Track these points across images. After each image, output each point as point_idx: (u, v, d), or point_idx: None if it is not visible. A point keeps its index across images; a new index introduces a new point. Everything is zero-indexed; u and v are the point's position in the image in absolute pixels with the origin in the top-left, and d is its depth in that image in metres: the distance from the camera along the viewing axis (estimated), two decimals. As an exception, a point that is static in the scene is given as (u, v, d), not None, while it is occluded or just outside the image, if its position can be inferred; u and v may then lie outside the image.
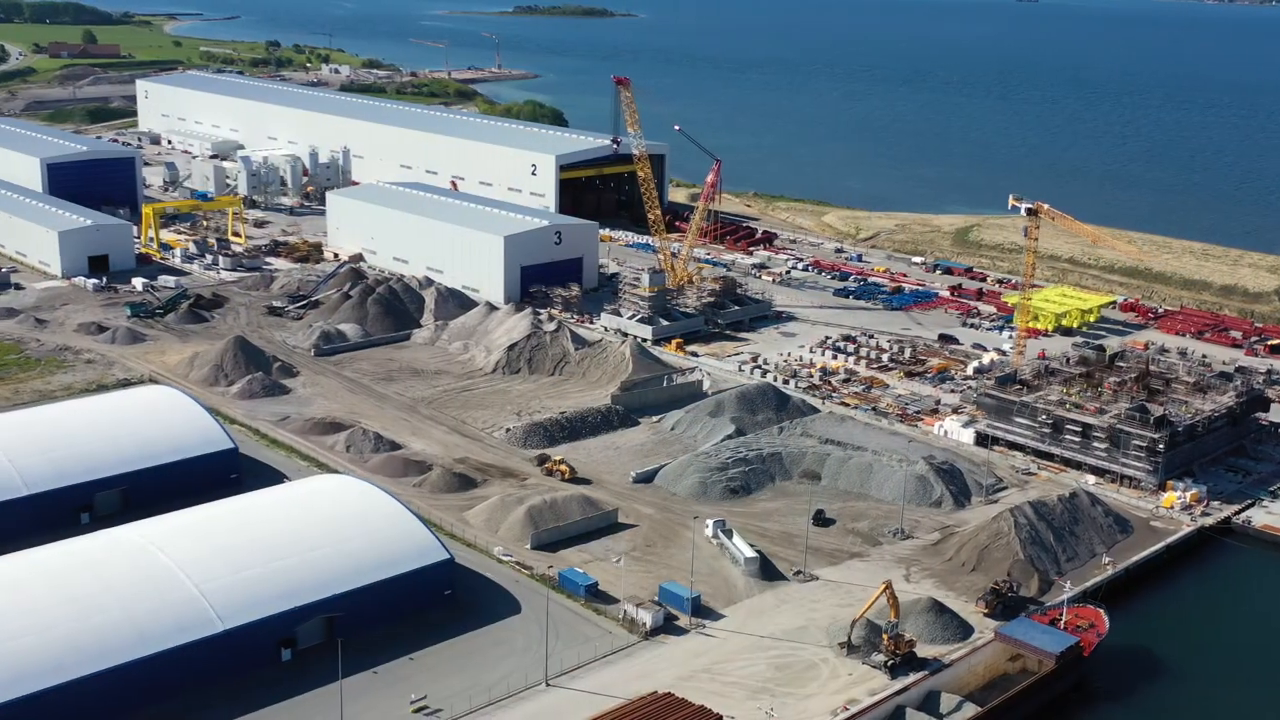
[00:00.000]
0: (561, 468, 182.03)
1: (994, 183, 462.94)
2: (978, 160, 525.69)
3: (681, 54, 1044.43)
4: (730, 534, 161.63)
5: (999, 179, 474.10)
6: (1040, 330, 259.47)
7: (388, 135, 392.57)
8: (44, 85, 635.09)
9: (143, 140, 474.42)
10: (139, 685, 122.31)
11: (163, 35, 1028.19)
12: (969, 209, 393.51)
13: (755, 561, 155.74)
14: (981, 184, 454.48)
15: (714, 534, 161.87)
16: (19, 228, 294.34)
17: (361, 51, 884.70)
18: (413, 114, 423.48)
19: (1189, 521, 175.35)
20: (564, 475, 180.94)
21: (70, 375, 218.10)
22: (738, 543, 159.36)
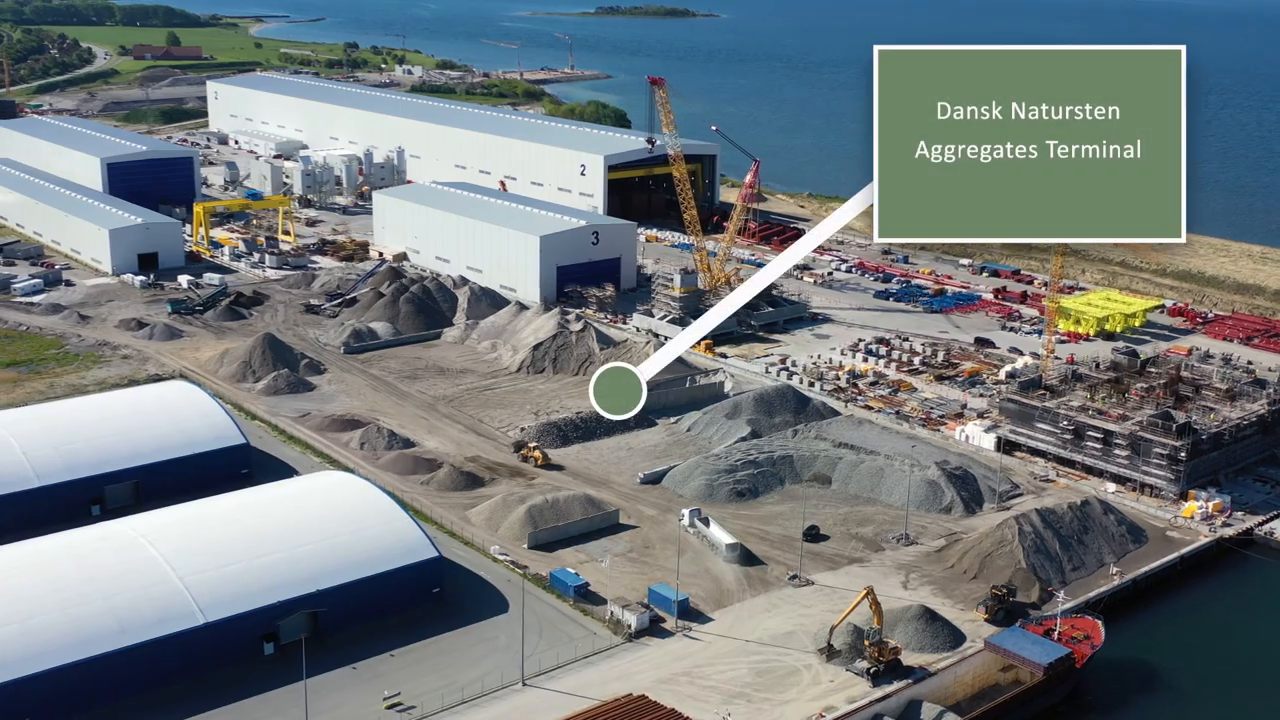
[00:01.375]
0: (535, 454, 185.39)
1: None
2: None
3: (757, 53, 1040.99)
4: (707, 522, 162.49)
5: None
6: (1081, 334, 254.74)
7: (444, 136, 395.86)
8: (124, 86, 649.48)
9: (211, 140, 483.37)
10: (118, 675, 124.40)
11: (247, 37, 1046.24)
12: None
13: (736, 548, 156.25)
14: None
15: (690, 523, 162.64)
16: (74, 225, 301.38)
17: (438, 53, 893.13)
18: (468, 114, 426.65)
19: (1207, 532, 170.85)
20: (538, 462, 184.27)
21: (105, 370, 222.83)
22: (715, 531, 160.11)
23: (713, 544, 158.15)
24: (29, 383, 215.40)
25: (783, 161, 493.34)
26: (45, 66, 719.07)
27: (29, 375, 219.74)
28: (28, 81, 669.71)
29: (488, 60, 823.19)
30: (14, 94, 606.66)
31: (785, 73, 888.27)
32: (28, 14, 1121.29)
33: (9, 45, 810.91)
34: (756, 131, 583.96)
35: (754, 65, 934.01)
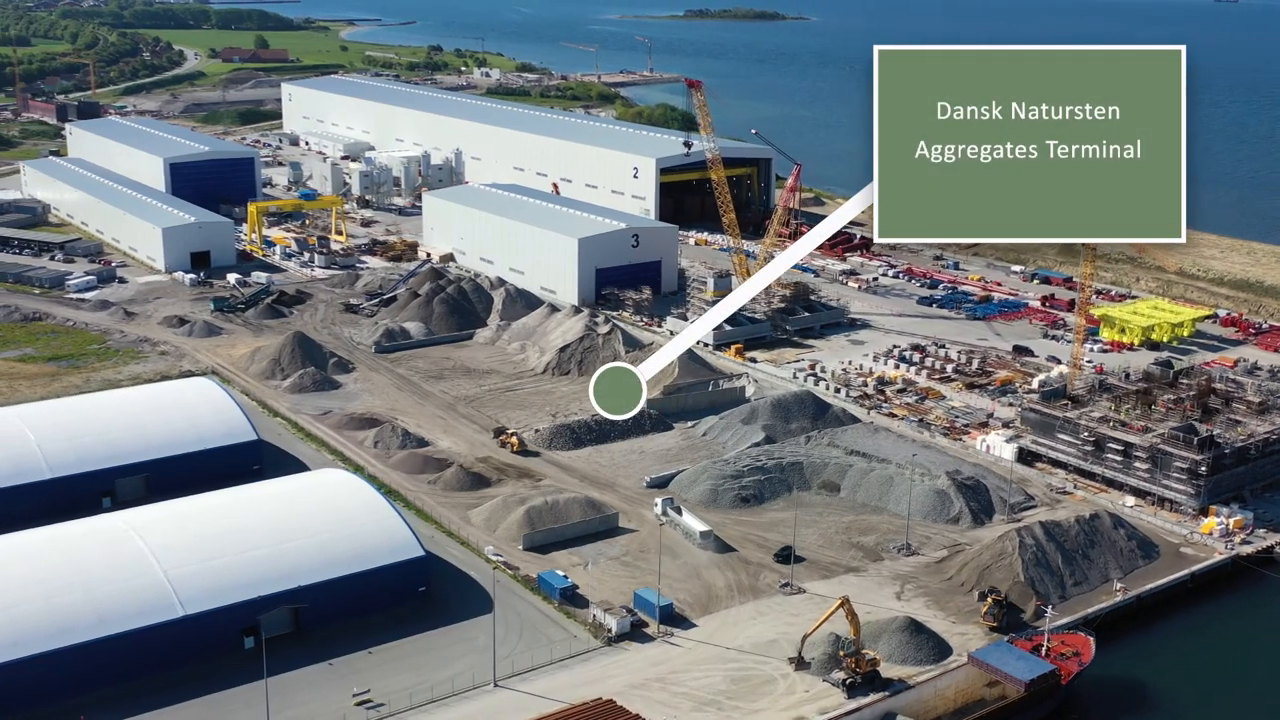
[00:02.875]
0: (512, 440, 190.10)
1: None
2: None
3: (840, 56, 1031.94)
4: (679, 511, 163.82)
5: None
6: (1126, 344, 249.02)
7: (503, 138, 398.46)
8: (207, 88, 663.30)
9: (283, 141, 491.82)
10: (94, 665, 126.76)
11: (335, 40, 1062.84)
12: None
13: (710, 535, 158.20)
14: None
15: (662, 512, 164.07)
16: (131, 224, 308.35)
17: (520, 55, 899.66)
18: (527, 116, 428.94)
19: (1223, 549, 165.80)
20: (514, 448, 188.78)
21: (141, 366, 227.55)
22: (688, 519, 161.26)
23: (686, 532, 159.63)
24: (66, 377, 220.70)
25: (846, 165, 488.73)
26: (135, 69, 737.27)
27: (67, 370, 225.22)
28: (117, 83, 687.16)
29: (567, 63, 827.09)
30: (102, 95, 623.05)
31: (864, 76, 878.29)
32: (127, 18, 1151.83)
33: (104, 47, 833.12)
34: (826, 135, 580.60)
35: (835, 69, 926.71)
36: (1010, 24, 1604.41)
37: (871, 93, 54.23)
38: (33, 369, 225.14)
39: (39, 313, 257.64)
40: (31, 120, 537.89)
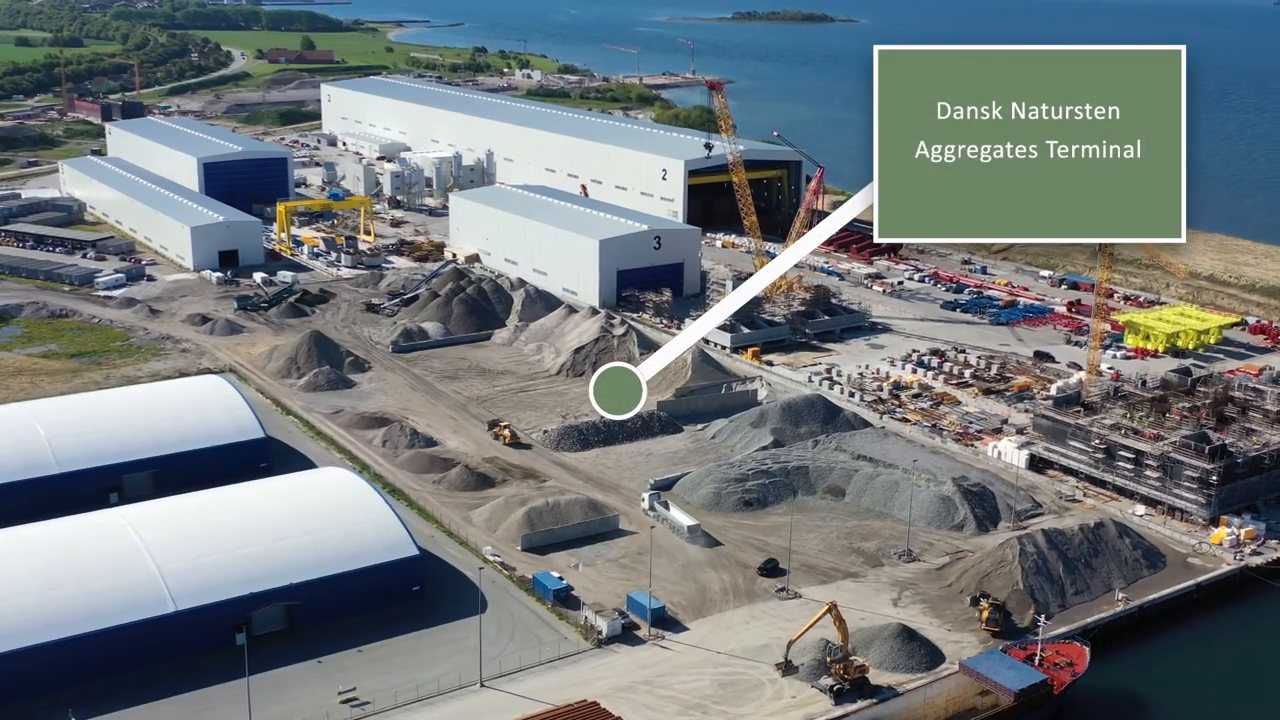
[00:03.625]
0: (504, 433, 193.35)
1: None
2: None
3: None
4: (667, 505, 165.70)
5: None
6: (1150, 351, 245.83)
7: (534, 139, 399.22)
8: (251, 89, 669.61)
9: (320, 142, 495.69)
10: (85, 658, 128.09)
11: (382, 42, 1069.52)
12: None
13: (697, 529, 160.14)
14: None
15: (650, 506, 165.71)
16: (161, 222, 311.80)
17: (564, 57, 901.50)
18: (560, 118, 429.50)
19: (1232, 560, 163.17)
20: (505, 440, 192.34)
21: (161, 363, 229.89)
22: (675, 514, 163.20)
23: (674, 527, 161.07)
24: (87, 373, 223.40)
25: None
26: (181, 69, 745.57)
27: (89, 366, 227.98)
28: (163, 84, 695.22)
29: (609, 65, 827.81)
30: (147, 96, 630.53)
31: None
32: (179, 19, 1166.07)
33: (152, 48, 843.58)
34: (865, 137, 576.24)
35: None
36: (1061, 25, 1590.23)
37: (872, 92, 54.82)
38: (55, 365, 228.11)
39: (66, 310, 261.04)
40: (76, 120, 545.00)
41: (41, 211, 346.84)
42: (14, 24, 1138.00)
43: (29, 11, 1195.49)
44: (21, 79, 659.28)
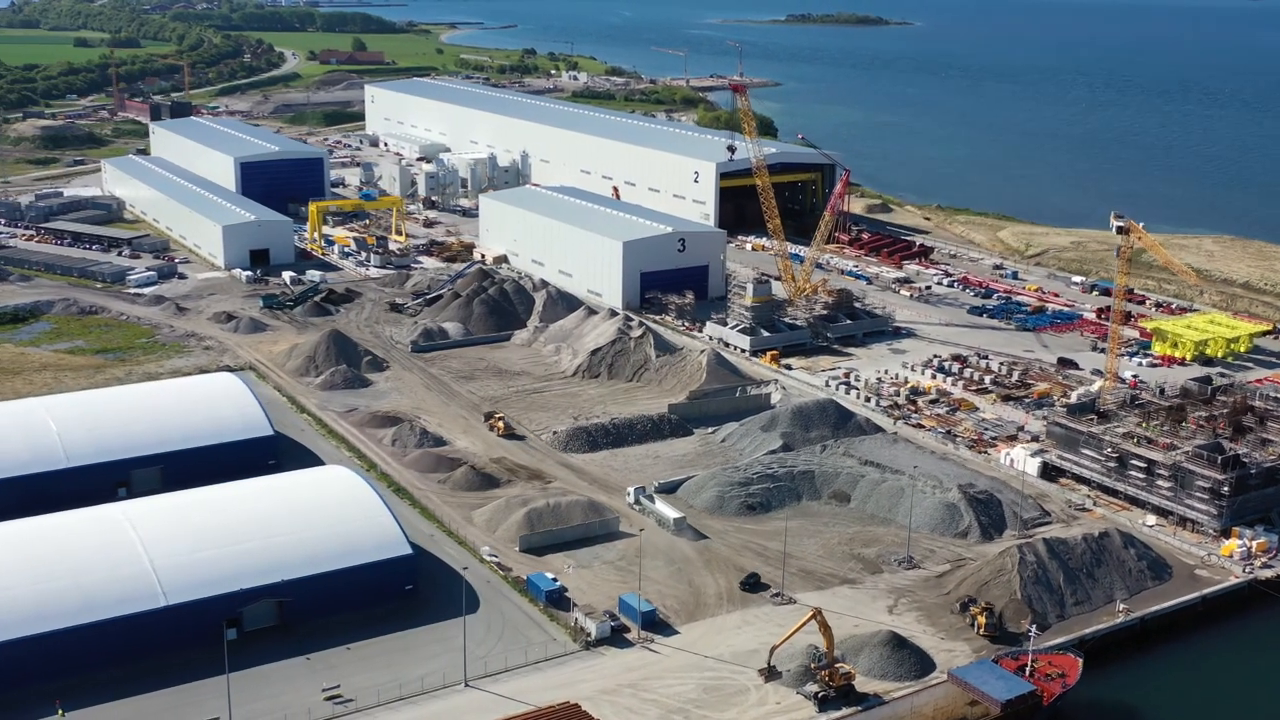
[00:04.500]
0: (498, 424, 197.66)
1: (1208, 201, 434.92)
2: (1201, 177, 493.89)
3: (937, 62, 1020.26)
4: (652, 499, 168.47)
5: (1216, 197, 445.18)
6: (1177, 358, 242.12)
7: (570, 141, 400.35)
8: (300, 89, 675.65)
9: (363, 142, 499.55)
10: (75, 650, 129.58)
11: (434, 43, 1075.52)
12: (1171, 228, 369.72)
13: (683, 522, 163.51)
14: (1193, 202, 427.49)
15: (635, 500, 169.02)
16: (195, 221, 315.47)
17: (613, 59, 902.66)
18: (597, 119, 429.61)
19: (1240, 573, 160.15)
20: (499, 432, 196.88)
21: (183, 360, 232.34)
22: (661, 506, 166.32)
23: (660, 520, 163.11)
24: (110, 369, 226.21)
25: (923, 172, 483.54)
26: (233, 70, 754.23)
27: (113, 362, 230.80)
28: (214, 84, 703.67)
29: (657, 67, 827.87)
30: (197, 96, 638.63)
31: (960, 82, 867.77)
32: (236, 20, 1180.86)
33: (206, 49, 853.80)
34: (909, 141, 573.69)
35: (930, 75, 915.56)
36: (1108, 27, 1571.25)
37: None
38: (80, 360, 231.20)
39: (96, 306, 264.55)
40: (126, 120, 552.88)
41: (81, 210, 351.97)
42: (75, 25, 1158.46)
43: (90, 13, 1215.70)
44: (75, 79, 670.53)
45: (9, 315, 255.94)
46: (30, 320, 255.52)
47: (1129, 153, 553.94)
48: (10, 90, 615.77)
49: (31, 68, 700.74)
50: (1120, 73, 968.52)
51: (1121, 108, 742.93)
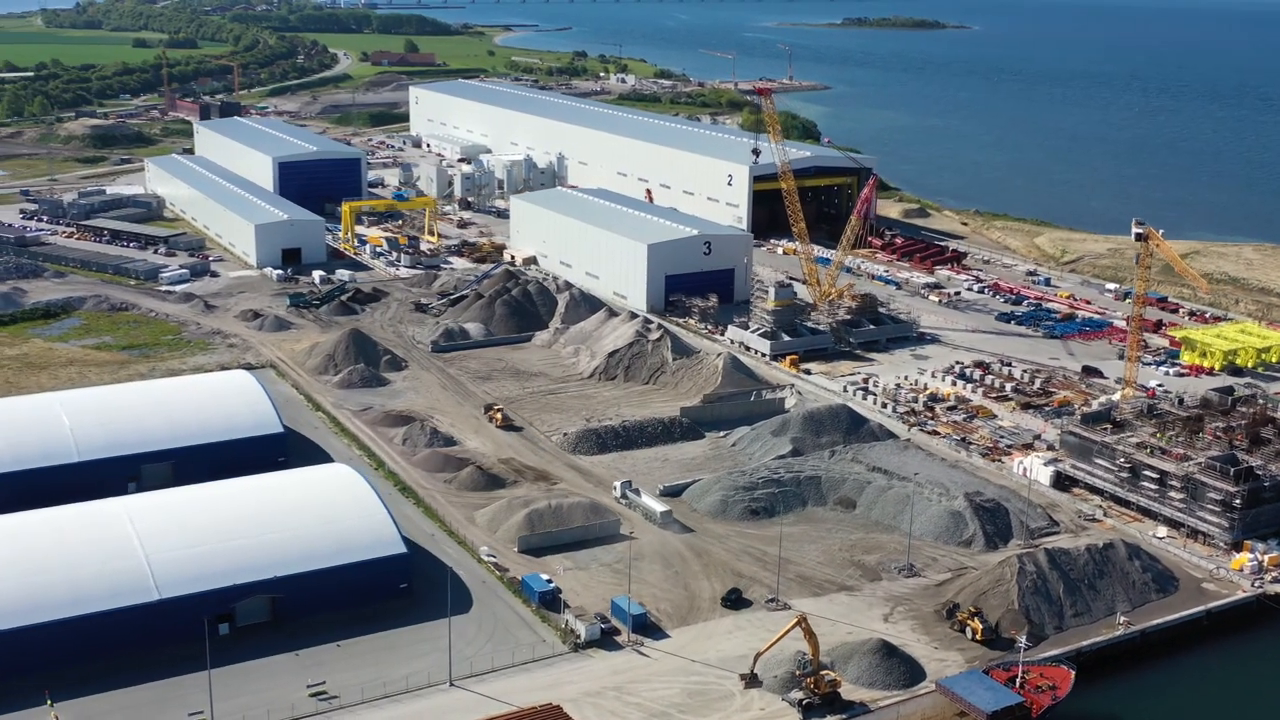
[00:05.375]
0: (497, 416, 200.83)
1: (1254, 209, 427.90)
2: (1249, 183, 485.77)
3: (990, 66, 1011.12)
4: (638, 493, 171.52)
5: (1263, 204, 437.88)
6: (1206, 368, 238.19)
7: (608, 143, 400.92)
8: (350, 91, 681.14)
9: (406, 143, 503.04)
10: (67, 643, 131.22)
11: (486, 45, 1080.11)
12: (1214, 235, 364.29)
13: (669, 515, 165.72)
14: (1238, 209, 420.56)
15: (621, 494, 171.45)
16: (230, 220, 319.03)
17: (663, 62, 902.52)
18: (635, 122, 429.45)
19: (1248, 587, 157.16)
20: (498, 424, 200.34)
21: (206, 357, 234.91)
22: (647, 500, 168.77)
23: (646, 513, 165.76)
24: (134, 365, 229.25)
25: (966, 177, 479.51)
26: (284, 71, 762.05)
27: (137, 359, 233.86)
28: (266, 84, 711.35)
29: (706, 70, 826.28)
30: (248, 96, 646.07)
31: (1012, 86, 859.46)
32: (293, 21, 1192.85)
33: (261, 50, 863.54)
34: (956, 145, 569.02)
35: (982, 79, 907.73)
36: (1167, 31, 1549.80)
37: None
38: (105, 356, 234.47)
39: (127, 303, 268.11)
40: (175, 119, 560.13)
41: (122, 207, 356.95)
42: (136, 25, 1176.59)
43: (151, 14, 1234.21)
44: (130, 79, 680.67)
45: (41, 311, 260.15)
46: (61, 316, 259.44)
47: (1177, 158, 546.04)
48: (65, 90, 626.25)
49: (88, 68, 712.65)
50: (1176, 77, 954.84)
51: (1173, 113, 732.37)
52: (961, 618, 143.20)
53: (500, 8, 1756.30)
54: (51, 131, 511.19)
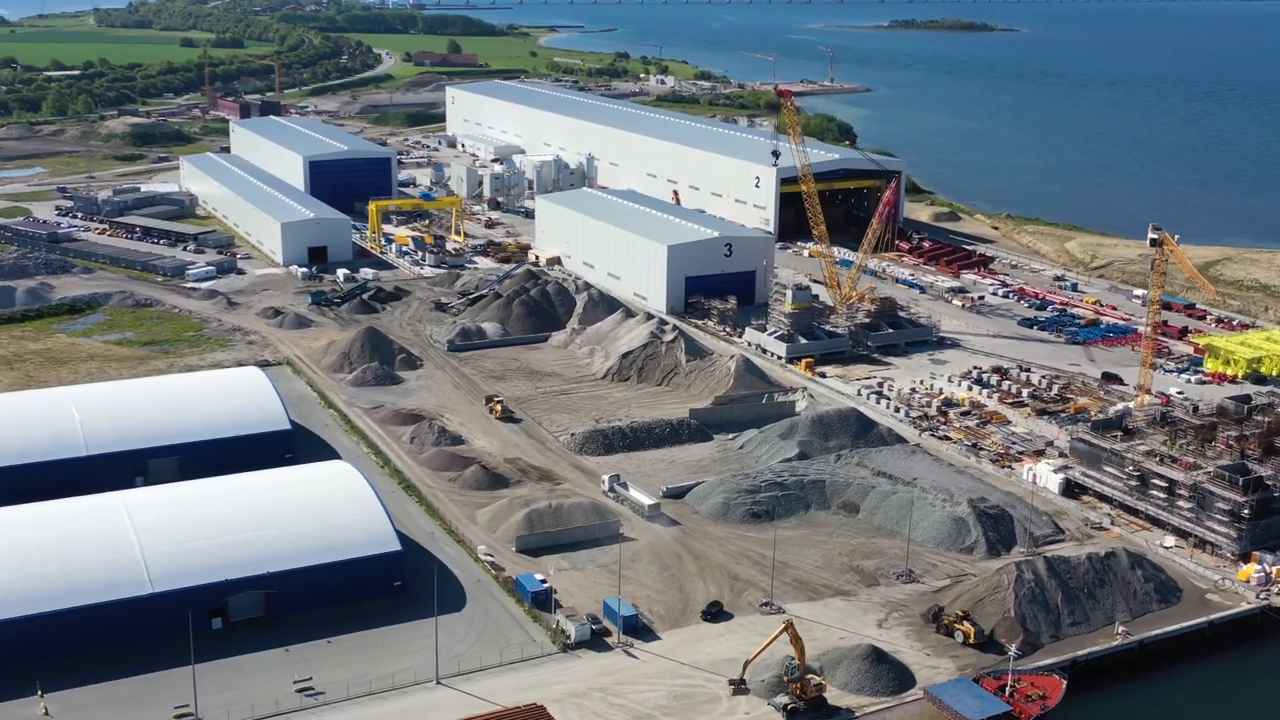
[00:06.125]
0: (496, 408, 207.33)
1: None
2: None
3: (1033, 70, 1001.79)
4: (626, 486, 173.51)
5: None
6: (1229, 376, 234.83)
7: (638, 144, 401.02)
8: (390, 91, 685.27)
9: (441, 143, 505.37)
10: (60, 634, 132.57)
11: (530, 46, 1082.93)
12: (1251, 241, 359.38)
13: (657, 508, 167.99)
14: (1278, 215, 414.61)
15: (610, 488, 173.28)
16: (259, 218, 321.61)
17: (705, 63, 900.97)
18: (664, 123, 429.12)
19: (1255, 598, 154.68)
20: (497, 415, 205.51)
21: (225, 353, 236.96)
22: (634, 493, 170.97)
23: (634, 507, 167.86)
24: (153, 361, 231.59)
25: (1002, 180, 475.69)
26: (327, 71, 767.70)
27: (157, 355, 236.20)
28: (308, 84, 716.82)
29: (748, 72, 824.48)
30: (290, 96, 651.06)
31: (1056, 89, 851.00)
32: (340, 22, 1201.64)
33: (305, 50, 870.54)
34: (994, 148, 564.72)
35: (1027, 81, 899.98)
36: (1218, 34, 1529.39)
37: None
38: (125, 352, 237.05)
39: (151, 299, 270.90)
40: (215, 118, 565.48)
41: (155, 205, 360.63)
42: (185, 25, 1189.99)
43: (201, 14, 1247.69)
44: (174, 78, 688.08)
45: (67, 306, 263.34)
46: (86, 312, 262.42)
47: (1219, 163, 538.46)
48: (110, 88, 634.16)
49: (134, 67, 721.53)
50: (1224, 81, 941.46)
51: (1219, 117, 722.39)
52: (948, 621, 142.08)
53: (548, 9, 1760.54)
54: (92, 129, 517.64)
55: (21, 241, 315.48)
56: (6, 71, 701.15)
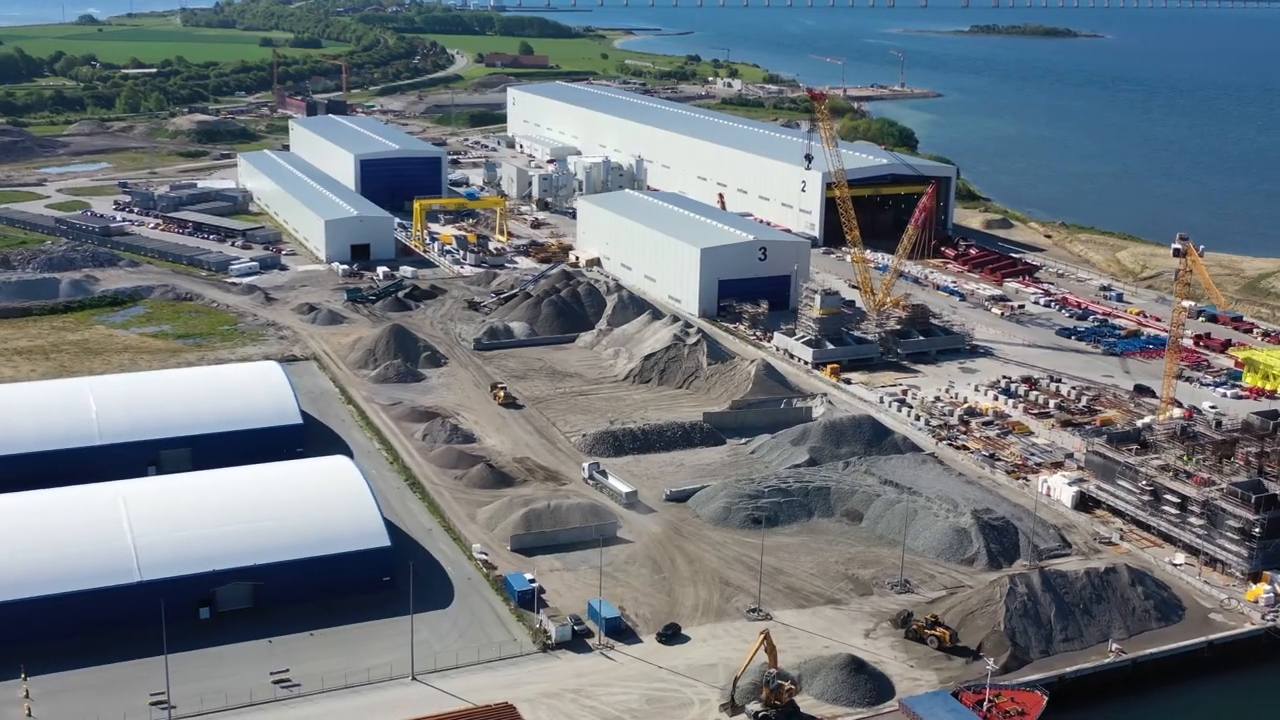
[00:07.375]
0: (499, 394, 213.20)
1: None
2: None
3: (1112, 76, 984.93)
4: (605, 474, 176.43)
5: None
6: (1268, 391, 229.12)
7: (687, 146, 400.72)
8: (457, 91, 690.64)
9: (500, 143, 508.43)
10: (49, 618, 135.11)
11: (602, 49, 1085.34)
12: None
13: (634, 494, 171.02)
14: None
15: (589, 475, 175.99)
16: (306, 215, 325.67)
17: (776, 67, 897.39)
18: (716, 126, 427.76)
19: (1260, 620, 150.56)
20: (499, 401, 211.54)
21: (255, 347, 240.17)
22: (613, 481, 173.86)
23: (612, 494, 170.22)
24: (184, 354, 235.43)
25: (1062, 188, 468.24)
26: (397, 71, 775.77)
27: (190, 348, 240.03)
28: (378, 84, 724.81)
29: (817, 76, 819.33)
30: (359, 96, 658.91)
31: (1130, 96, 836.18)
32: (418, 22, 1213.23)
33: (379, 50, 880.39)
34: (1058, 156, 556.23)
35: (1101, 88, 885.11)
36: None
37: None
38: (158, 344, 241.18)
39: (191, 293, 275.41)
40: (281, 116, 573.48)
41: (209, 201, 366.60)
42: (268, 25, 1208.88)
43: (283, 15, 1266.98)
44: (246, 77, 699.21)
45: (109, 299, 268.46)
46: (128, 304, 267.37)
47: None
48: (183, 86, 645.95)
49: (209, 65, 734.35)
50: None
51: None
52: (917, 627, 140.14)
53: (628, 11, 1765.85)
54: (160, 126, 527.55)
55: (74, 235, 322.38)
56: (85, 69, 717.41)
